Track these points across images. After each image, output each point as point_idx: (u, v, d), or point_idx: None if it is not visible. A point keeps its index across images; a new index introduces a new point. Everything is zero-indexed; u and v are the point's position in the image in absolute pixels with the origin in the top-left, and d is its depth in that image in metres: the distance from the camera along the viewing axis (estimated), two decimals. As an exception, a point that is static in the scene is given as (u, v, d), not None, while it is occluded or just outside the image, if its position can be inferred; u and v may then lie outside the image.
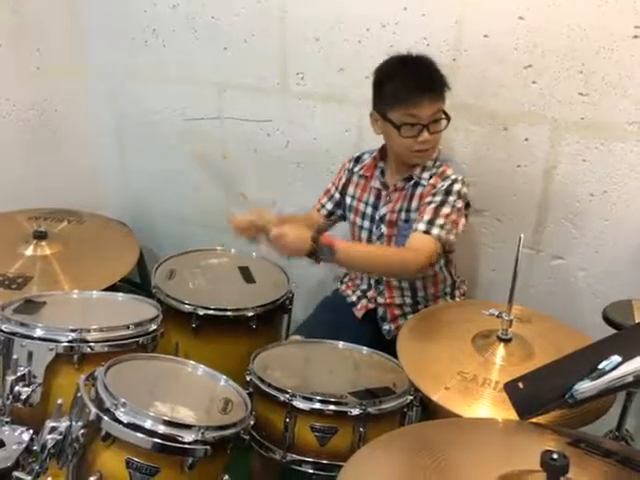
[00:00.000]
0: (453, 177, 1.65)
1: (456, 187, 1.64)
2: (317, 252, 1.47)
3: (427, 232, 1.59)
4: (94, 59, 2.71)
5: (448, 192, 1.63)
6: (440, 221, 1.59)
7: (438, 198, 1.63)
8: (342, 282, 2.00)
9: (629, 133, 1.66)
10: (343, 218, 1.93)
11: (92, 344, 1.46)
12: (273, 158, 2.35)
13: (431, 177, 1.69)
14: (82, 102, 2.74)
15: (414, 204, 1.71)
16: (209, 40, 2.36)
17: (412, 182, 1.72)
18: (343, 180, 1.88)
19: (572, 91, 1.70)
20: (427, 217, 1.60)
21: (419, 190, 1.71)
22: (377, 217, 1.79)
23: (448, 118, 1.64)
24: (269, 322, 1.86)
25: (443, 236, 1.59)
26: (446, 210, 1.61)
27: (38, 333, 1.45)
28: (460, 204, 1.64)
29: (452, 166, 1.69)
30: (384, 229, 1.77)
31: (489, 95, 1.82)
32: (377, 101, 1.69)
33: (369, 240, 1.81)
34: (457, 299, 1.87)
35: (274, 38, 2.18)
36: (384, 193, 1.78)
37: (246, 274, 2.03)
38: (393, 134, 1.64)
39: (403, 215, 1.73)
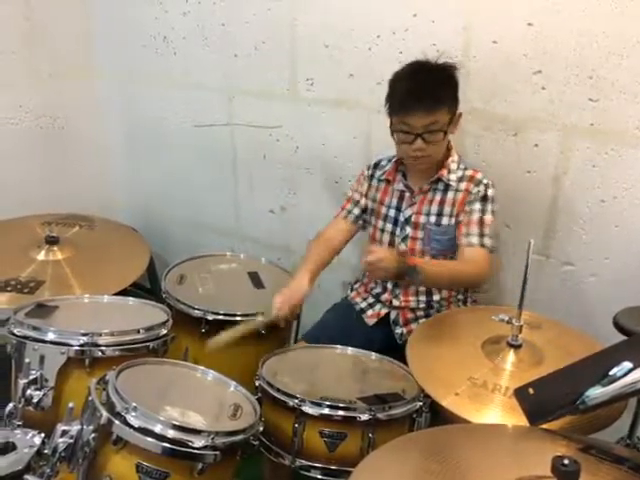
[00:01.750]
0: (485, 182, 1.70)
1: (490, 192, 1.70)
2: (407, 273, 1.52)
3: (482, 245, 1.67)
4: (105, 66, 2.74)
5: (485, 198, 1.69)
6: (487, 230, 1.68)
7: (477, 206, 1.68)
8: (352, 289, 1.99)
9: (640, 139, 1.65)
10: (364, 225, 1.92)
11: (103, 348, 1.47)
12: (282, 163, 2.36)
13: (460, 180, 1.72)
14: (93, 108, 2.77)
15: (447, 209, 1.72)
16: (219, 47, 2.37)
17: (441, 185, 1.73)
18: (365, 186, 1.88)
19: (582, 97, 1.69)
20: (476, 230, 1.67)
21: (450, 195, 1.72)
22: (402, 219, 1.79)
23: (445, 132, 1.63)
24: (278, 328, 1.86)
25: (493, 244, 1.70)
26: (488, 218, 1.68)
27: (50, 337, 1.46)
28: (496, 208, 1.71)
29: (480, 170, 1.73)
30: (409, 231, 1.77)
31: (499, 101, 1.82)
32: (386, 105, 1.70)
33: (391, 242, 1.81)
34: (468, 304, 1.87)
35: (284, 45, 2.20)
36: (407, 195, 1.79)
37: (255, 279, 2.04)
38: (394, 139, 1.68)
39: (433, 219, 1.74)
